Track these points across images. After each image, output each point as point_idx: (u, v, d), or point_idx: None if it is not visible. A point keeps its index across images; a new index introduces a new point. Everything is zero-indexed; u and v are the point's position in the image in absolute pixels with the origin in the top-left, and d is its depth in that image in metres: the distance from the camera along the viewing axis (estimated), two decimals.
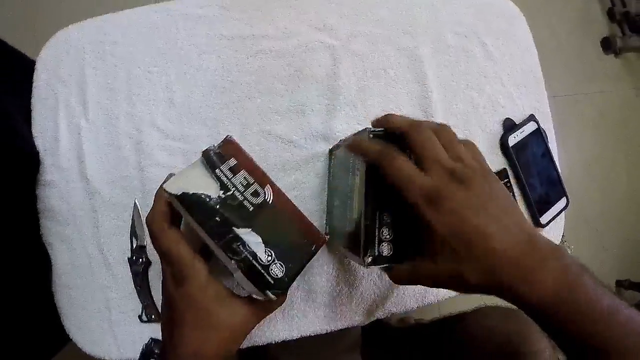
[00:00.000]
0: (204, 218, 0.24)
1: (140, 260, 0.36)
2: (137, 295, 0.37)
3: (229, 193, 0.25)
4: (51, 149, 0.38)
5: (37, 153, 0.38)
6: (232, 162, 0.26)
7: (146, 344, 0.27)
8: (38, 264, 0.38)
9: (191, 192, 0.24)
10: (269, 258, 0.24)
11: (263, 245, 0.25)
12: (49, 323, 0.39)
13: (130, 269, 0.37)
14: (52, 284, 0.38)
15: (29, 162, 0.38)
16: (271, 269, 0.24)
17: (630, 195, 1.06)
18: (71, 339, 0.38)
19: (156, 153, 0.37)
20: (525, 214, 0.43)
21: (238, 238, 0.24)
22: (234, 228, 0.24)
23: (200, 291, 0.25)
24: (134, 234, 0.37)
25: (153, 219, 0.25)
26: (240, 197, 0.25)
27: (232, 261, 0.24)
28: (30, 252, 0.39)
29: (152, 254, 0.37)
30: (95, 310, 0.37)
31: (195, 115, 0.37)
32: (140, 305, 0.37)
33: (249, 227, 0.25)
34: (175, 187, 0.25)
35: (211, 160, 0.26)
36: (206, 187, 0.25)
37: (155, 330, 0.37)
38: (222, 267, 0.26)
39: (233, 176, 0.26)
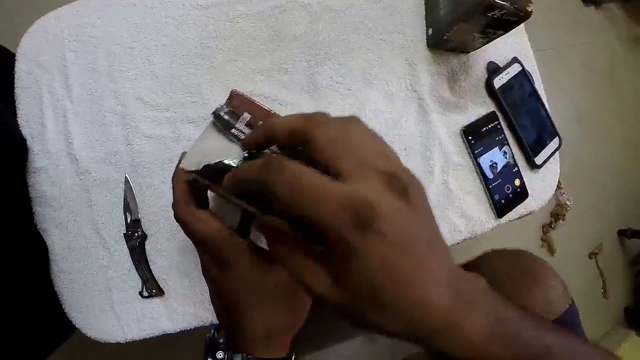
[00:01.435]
0: None
1: (136, 234, 0.36)
2: (135, 271, 0.36)
3: (253, 150, 0.22)
4: (38, 135, 0.38)
5: (24, 141, 0.37)
6: (247, 116, 0.24)
7: (209, 336, 0.25)
8: (35, 253, 0.37)
9: (213, 163, 0.22)
10: None
11: None
12: (53, 313, 0.38)
13: (127, 244, 0.36)
14: (50, 272, 0.37)
15: (17, 150, 0.37)
16: None
17: (625, 142, 1.05)
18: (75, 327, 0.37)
19: (142, 125, 0.36)
20: (519, 156, 0.42)
21: None
22: None
23: (250, 270, 0.22)
24: (127, 208, 0.36)
25: (177, 205, 0.22)
26: (267, 151, 0.22)
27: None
28: (26, 242, 0.38)
29: (147, 227, 0.36)
30: (95, 293, 0.36)
31: (177, 84, 0.37)
32: (140, 281, 0.36)
33: None
34: (194, 163, 0.22)
35: (223, 121, 0.23)
36: (227, 151, 0.22)
37: (157, 305, 0.36)
38: None
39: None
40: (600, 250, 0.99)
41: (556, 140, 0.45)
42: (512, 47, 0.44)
